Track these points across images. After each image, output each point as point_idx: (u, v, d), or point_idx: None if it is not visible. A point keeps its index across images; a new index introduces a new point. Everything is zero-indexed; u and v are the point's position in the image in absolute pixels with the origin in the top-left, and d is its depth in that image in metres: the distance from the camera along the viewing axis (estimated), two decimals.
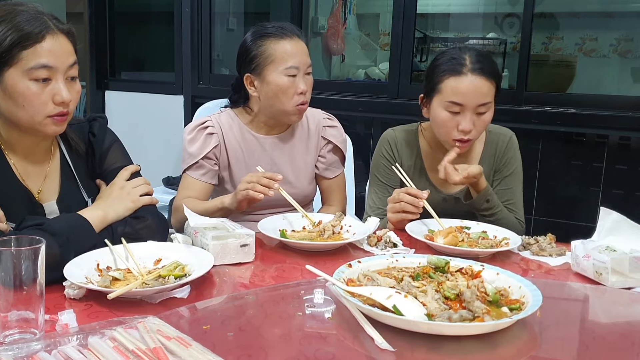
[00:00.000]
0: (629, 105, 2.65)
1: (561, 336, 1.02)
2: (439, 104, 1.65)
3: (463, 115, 1.62)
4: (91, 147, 1.41)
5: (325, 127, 1.87)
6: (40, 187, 1.31)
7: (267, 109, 1.75)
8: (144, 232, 1.30)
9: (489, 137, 1.81)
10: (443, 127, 1.66)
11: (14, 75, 1.17)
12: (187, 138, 1.76)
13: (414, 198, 1.52)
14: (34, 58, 1.17)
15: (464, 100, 1.61)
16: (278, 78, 1.69)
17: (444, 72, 1.64)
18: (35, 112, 1.20)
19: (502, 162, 1.79)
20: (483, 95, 1.61)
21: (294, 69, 1.68)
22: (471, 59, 1.62)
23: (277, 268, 1.30)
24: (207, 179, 1.75)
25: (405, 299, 1.00)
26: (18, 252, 0.88)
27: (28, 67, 1.17)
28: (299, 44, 1.71)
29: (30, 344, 0.86)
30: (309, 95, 1.74)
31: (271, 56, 1.69)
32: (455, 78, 1.62)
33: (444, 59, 1.67)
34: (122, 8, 4.12)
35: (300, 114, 1.75)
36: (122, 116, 3.92)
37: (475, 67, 1.61)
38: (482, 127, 1.65)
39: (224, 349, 0.89)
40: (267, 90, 1.71)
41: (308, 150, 1.86)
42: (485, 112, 1.63)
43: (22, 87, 1.17)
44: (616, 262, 1.22)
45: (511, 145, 1.80)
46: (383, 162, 1.81)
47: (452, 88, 1.62)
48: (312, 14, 4.23)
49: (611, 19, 4.23)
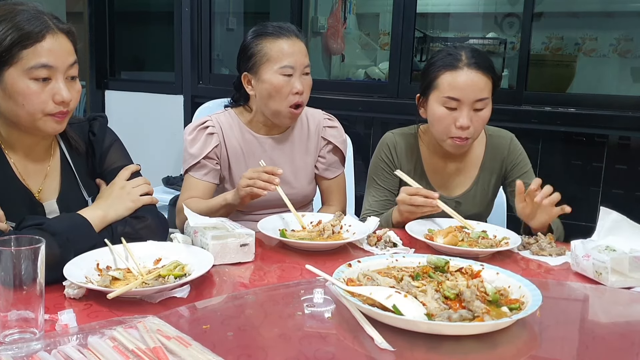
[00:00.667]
0: (629, 105, 2.65)
1: (561, 336, 1.02)
2: (435, 100, 1.65)
3: (460, 111, 1.62)
4: (91, 147, 1.40)
5: (326, 127, 1.87)
6: (40, 186, 1.31)
7: (263, 109, 1.75)
8: (144, 232, 1.30)
9: (489, 140, 1.80)
10: (440, 124, 1.65)
11: (14, 75, 1.17)
12: (187, 139, 1.76)
13: (427, 199, 1.51)
14: (34, 57, 1.17)
15: (460, 94, 1.61)
16: (273, 77, 1.68)
17: (440, 68, 1.64)
18: (35, 111, 1.20)
19: (510, 165, 1.78)
20: (480, 90, 1.61)
21: (289, 68, 1.68)
22: (467, 54, 1.63)
23: (277, 268, 1.30)
24: (209, 179, 1.75)
25: (405, 298, 1.00)
26: (18, 251, 0.88)
27: (28, 67, 1.17)
28: (296, 43, 1.71)
29: (30, 344, 0.86)
30: (306, 96, 1.73)
31: (267, 55, 1.69)
32: (452, 72, 1.62)
33: (440, 56, 1.67)
34: (122, 8, 4.12)
35: (293, 117, 1.74)
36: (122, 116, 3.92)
37: (471, 62, 1.62)
38: (480, 125, 1.65)
39: (224, 348, 0.89)
40: (261, 89, 1.71)
41: (308, 151, 1.86)
42: (483, 109, 1.63)
43: (22, 87, 1.17)
44: (616, 261, 1.22)
45: (514, 147, 1.80)
46: (382, 166, 1.80)
47: (448, 83, 1.62)
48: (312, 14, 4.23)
49: (611, 18, 4.23)
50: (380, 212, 1.74)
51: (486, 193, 1.80)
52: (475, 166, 1.79)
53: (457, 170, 1.79)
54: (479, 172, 1.79)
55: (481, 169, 1.79)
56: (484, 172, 1.79)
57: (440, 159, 1.79)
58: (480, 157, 1.79)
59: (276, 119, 1.75)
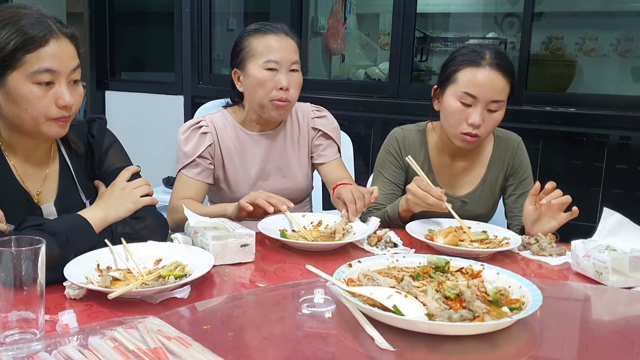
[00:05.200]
0: (629, 104, 2.65)
1: (561, 336, 1.02)
2: (452, 94, 1.65)
3: (474, 108, 1.62)
4: (90, 149, 1.41)
5: (314, 118, 1.89)
6: (39, 188, 1.31)
7: (251, 104, 1.76)
8: (144, 232, 1.30)
9: (497, 141, 1.81)
10: (453, 118, 1.65)
11: (17, 79, 1.17)
12: (181, 138, 1.77)
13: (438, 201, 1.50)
14: (38, 62, 1.17)
15: (478, 92, 1.61)
16: (257, 71, 1.70)
17: (462, 62, 1.65)
18: (38, 116, 1.20)
19: (515, 167, 1.79)
20: (498, 91, 1.61)
21: (273, 62, 1.69)
22: (491, 54, 1.63)
23: (277, 268, 1.30)
24: (202, 178, 1.75)
25: (406, 298, 1.00)
26: (18, 252, 0.88)
27: (32, 71, 1.16)
28: (284, 40, 1.72)
29: (31, 344, 0.86)
30: (293, 93, 1.73)
31: (252, 50, 1.71)
32: (473, 69, 1.62)
33: (464, 51, 1.67)
34: (122, 8, 4.12)
35: (278, 109, 1.73)
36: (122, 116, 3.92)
37: (494, 62, 1.62)
38: (491, 126, 1.65)
39: (224, 349, 0.89)
40: (247, 84, 1.73)
41: (300, 145, 1.87)
42: (496, 111, 1.64)
43: (25, 91, 1.17)
44: (616, 261, 1.22)
45: (521, 152, 1.80)
46: (390, 159, 1.80)
47: (468, 79, 1.62)
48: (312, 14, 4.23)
49: (611, 18, 4.23)
50: (385, 205, 1.74)
51: (492, 194, 1.80)
52: (483, 166, 1.79)
53: (464, 169, 1.79)
54: (486, 172, 1.79)
55: (488, 169, 1.79)
56: (491, 173, 1.79)
57: (447, 157, 1.79)
58: (488, 157, 1.79)
59: (264, 114, 1.75)
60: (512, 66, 1.66)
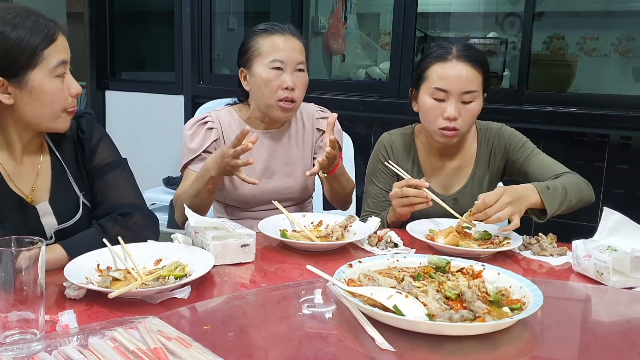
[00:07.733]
0: (630, 104, 2.65)
1: (562, 336, 1.02)
2: (425, 91, 1.68)
3: (448, 102, 1.64)
4: (80, 144, 1.40)
5: (319, 119, 1.89)
6: (33, 184, 1.31)
7: (257, 103, 1.77)
8: (136, 227, 1.31)
9: (481, 134, 1.81)
10: (429, 114, 1.67)
11: (40, 76, 1.19)
12: (187, 134, 1.77)
13: (418, 190, 1.51)
14: (55, 56, 1.20)
15: (448, 85, 1.62)
16: (263, 71, 1.71)
17: (430, 60, 1.68)
18: (59, 109, 1.24)
19: (507, 149, 1.76)
20: (468, 82, 1.63)
21: (278, 62, 1.70)
22: (457, 48, 1.66)
23: (277, 268, 1.30)
24: None
25: (406, 299, 1.00)
26: (18, 252, 0.88)
27: (52, 66, 1.20)
28: (289, 40, 1.73)
29: (31, 345, 0.86)
30: (298, 93, 1.74)
31: (259, 49, 1.72)
32: (441, 64, 1.65)
33: (432, 50, 1.71)
34: (122, 8, 4.12)
35: (284, 110, 1.73)
36: (122, 116, 3.93)
37: (461, 54, 1.64)
38: (468, 118, 1.66)
39: (225, 349, 0.89)
40: (253, 83, 1.74)
41: (304, 144, 1.87)
42: (471, 102, 1.64)
43: (50, 86, 1.21)
44: (617, 261, 1.22)
45: (504, 134, 1.78)
46: (380, 167, 1.81)
47: (437, 74, 1.65)
48: (313, 14, 4.23)
49: (612, 18, 4.23)
50: (379, 213, 1.74)
51: (481, 189, 1.79)
52: (471, 163, 1.80)
53: (454, 168, 1.80)
54: (474, 168, 1.79)
55: (476, 164, 1.80)
56: (478, 168, 1.79)
57: (436, 158, 1.80)
58: (474, 154, 1.80)
59: (269, 113, 1.76)
60: (480, 56, 1.68)
